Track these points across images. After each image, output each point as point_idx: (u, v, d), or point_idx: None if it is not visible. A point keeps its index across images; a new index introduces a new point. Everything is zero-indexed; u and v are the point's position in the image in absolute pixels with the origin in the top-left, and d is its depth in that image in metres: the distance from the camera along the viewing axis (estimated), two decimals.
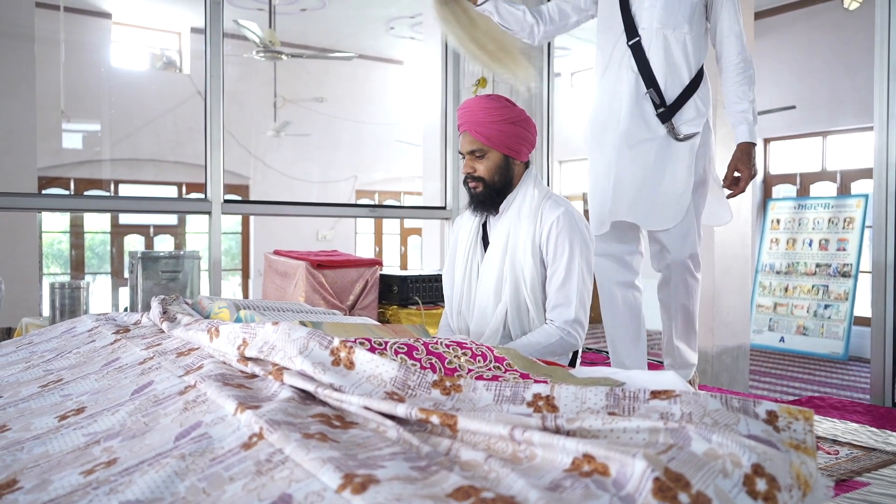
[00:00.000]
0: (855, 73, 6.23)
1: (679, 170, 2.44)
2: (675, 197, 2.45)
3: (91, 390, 1.31)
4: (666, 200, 2.46)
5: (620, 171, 2.48)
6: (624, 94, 2.47)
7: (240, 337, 1.30)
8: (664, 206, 2.46)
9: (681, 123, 2.43)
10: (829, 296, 6.33)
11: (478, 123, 2.00)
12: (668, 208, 2.46)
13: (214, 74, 3.39)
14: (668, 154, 2.44)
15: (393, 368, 1.09)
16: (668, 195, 2.46)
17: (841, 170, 6.69)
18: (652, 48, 2.42)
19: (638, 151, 2.46)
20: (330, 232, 8.75)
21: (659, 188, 2.46)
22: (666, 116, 2.42)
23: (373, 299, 3.23)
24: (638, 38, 2.44)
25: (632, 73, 2.46)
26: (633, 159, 2.46)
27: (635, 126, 2.45)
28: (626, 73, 2.47)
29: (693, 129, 2.43)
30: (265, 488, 0.78)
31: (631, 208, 2.48)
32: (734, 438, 0.78)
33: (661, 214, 2.47)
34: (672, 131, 2.42)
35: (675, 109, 2.42)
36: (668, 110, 2.42)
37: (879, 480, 1.55)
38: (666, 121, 2.42)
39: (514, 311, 2.03)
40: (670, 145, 2.43)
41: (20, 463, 1.00)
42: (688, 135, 2.43)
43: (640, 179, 2.46)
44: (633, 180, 2.46)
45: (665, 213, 2.47)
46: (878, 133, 2.83)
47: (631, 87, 2.46)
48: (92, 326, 1.83)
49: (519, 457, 0.82)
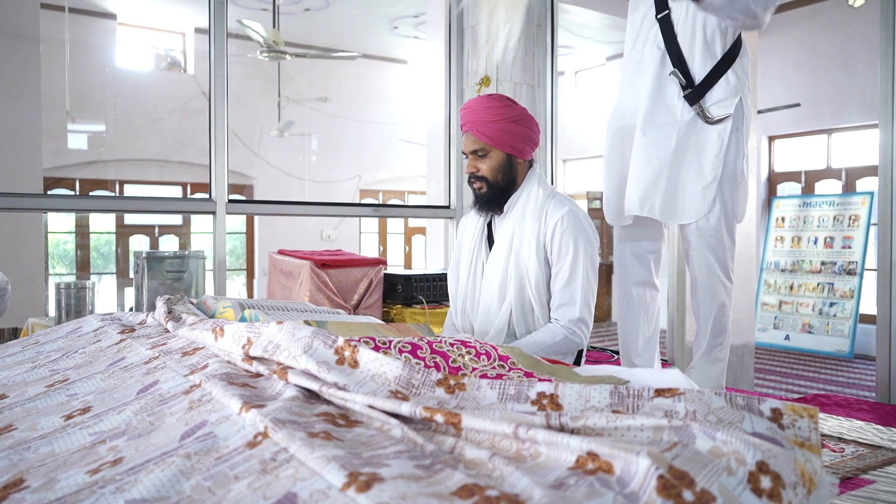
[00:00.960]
0: (859, 71, 6.21)
1: (706, 158, 2.25)
2: (699, 188, 2.27)
3: (97, 390, 1.31)
4: (688, 191, 2.28)
5: (636, 159, 2.32)
6: (647, 74, 2.31)
7: (244, 336, 1.31)
8: (686, 197, 2.29)
9: (710, 105, 2.23)
10: (834, 294, 6.31)
11: (479, 123, 2.00)
12: (691, 200, 2.28)
13: (218, 75, 3.39)
14: (692, 140, 2.26)
15: (397, 367, 1.10)
16: (691, 185, 2.27)
17: (846, 167, 6.66)
18: (681, 23, 2.24)
19: (656, 137, 2.29)
20: (334, 231, 8.75)
21: (680, 178, 2.28)
22: (693, 98, 2.24)
23: (377, 298, 3.24)
24: (668, 12, 2.26)
25: (657, 51, 2.29)
26: (651, 146, 2.29)
27: (656, 109, 2.29)
28: (651, 51, 2.31)
29: (724, 110, 2.23)
30: (270, 487, 0.78)
31: (644, 200, 2.30)
32: (739, 436, 0.78)
33: (682, 207, 2.29)
34: (702, 114, 2.23)
35: (705, 89, 2.23)
36: (695, 91, 2.23)
37: (885, 478, 1.54)
38: (694, 103, 2.24)
39: (518, 311, 2.03)
40: (696, 130, 2.25)
41: (27, 462, 1.00)
42: (720, 117, 2.23)
43: (657, 168, 2.28)
44: (648, 169, 2.29)
45: (687, 206, 2.29)
46: (883, 130, 2.82)
47: (655, 67, 2.29)
48: (97, 326, 1.84)
49: (523, 455, 0.82)
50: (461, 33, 4.19)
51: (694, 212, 2.29)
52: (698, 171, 2.27)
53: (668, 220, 2.34)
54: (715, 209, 2.29)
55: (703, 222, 2.30)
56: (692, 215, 2.29)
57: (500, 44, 2.98)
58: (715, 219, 2.30)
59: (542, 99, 4.09)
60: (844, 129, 6.61)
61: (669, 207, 2.30)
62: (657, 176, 2.29)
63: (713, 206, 2.28)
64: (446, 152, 4.29)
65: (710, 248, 2.32)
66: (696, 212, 2.28)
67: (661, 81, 2.29)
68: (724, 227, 2.31)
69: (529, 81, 4.01)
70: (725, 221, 2.31)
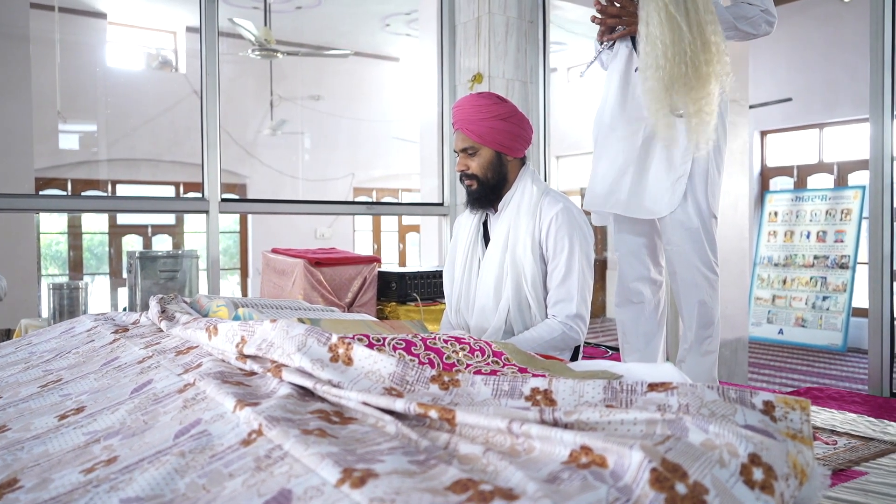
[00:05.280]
0: (851, 65, 6.23)
1: (675, 152, 2.26)
2: (668, 182, 2.28)
3: (90, 389, 1.31)
4: (657, 186, 2.29)
5: (605, 155, 2.35)
6: (615, 72, 2.35)
7: (238, 335, 1.31)
8: (655, 191, 2.29)
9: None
10: (827, 287, 6.34)
11: (468, 121, 2.01)
12: (660, 194, 2.29)
13: (210, 73, 3.39)
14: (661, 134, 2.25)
15: (391, 364, 1.10)
16: (660, 180, 2.28)
17: (838, 161, 6.69)
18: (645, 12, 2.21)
19: (623, 134, 2.32)
20: (328, 230, 8.74)
21: (648, 172, 2.30)
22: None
23: (371, 296, 3.24)
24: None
25: (625, 49, 2.33)
26: (618, 142, 2.32)
27: (624, 106, 2.32)
28: (620, 49, 2.34)
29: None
30: (265, 483, 0.79)
31: (609, 196, 2.33)
32: (731, 429, 0.79)
33: (651, 201, 2.30)
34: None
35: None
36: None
37: (877, 469, 1.55)
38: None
39: (515, 308, 2.03)
40: (665, 124, 2.22)
41: (20, 462, 1.00)
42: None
43: (623, 164, 2.31)
44: (615, 164, 2.32)
45: (656, 200, 2.29)
46: (873, 124, 2.83)
47: (623, 64, 2.33)
48: (91, 326, 1.83)
49: (517, 450, 0.83)
50: (453, 30, 4.19)
51: (664, 206, 2.29)
52: (668, 166, 2.28)
53: (633, 214, 2.35)
54: (688, 202, 2.29)
55: (678, 215, 2.30)
56: (662, 209, 2.30)
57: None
58: (690, 211, 2.30)
59: (535, 95, 4.09)
60: (836, 124, 6.64)
61: (636, 202, 2.32)
62: (622, 171, 2.32)
63: (685, 199, 2.28)
64: (439, 149, 4.29)
65: (688, 241, 2.32)
66: (666, 206, 2.29)
67: (628, 78, 2.31)
68: (699, 219, 2.31)
69: (522, 78, 4.02)
70: (700, 214, 2.31)
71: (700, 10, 2.17)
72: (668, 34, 2.15)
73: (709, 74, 2.16)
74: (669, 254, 2.39)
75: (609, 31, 2.36)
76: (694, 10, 2.16)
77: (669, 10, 2.15)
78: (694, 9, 2.16)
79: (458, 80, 4.16)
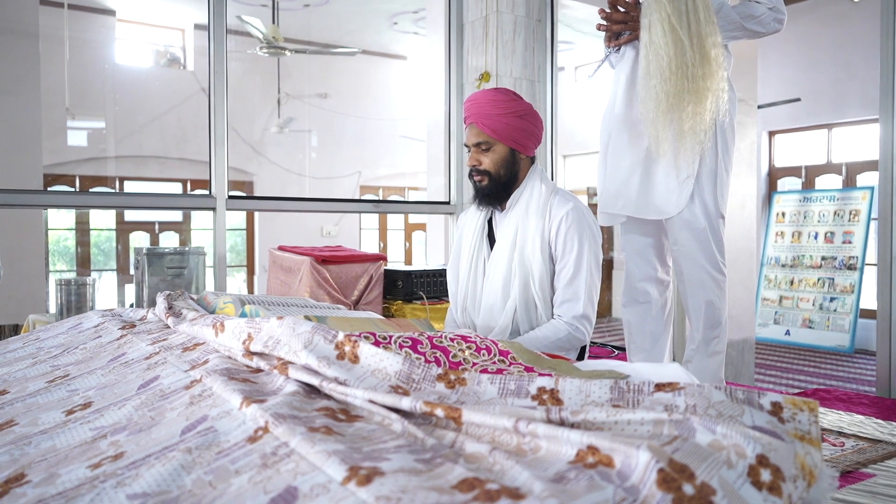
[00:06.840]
0: (860, 65, 6.20)
1: (681, 152, 2.27)
2: (676, 182, 2.30)
3: (97, 385, 1.31)
4: (665, 186, 2.31)
5: (612, 157, 2.37)
6: (622, 73, 2.37)
7: (245, 332, 1.31)
8: (662, 192, 2.31)
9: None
10: (834, 288, 6.31)
11: (485, 116, 1.99)
12: (668, 195, 2.31)
13: (218, 71, 3.39)
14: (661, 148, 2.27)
15: (397, 362, 1.10)
16: (667, 180, 2.30)
17: (846, 162, 6.66)
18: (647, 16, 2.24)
19: (631, 135, 2.33)
20: (334, 228, 8.75)
21: (656, 173, 2.32)
22: None
23: (377, 294, 3.24)
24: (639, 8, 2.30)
25: (632, 51, 2.35)
26: (625, 144, 2.34)
27: (630, 108, 2.33)
28: (627, 51, 2.36)
29: None
30: (271, 481, 0.79)
31: (618, 197, 2.35)
32: (739, 429, 0.78)
33: (659, 202, 2.32)
34: None
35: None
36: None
37: (885, 472, 1.55)
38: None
39: (522, 308, 2.03)
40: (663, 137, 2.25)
41: (28, 457, 1.01)
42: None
43: (630, 165, 2.33)
44: (622, 166, 2.34)
45: (664, 201, 2.31)
46: (883, 125, 2.81)
47: (629, 66, 2.34)
48: (98, 322, 1.84)
49: (523, 449, 0.83)
50: (461, 29, 4.19)
51: (672, 206, 2.31)
52: (675, 166, 2.29)
53: (643, 215, 2.37)
54: (695, 202, 2.30)
55: (685, 215, 2.31)
56: (670, 210, 2.31)
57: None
58: (697, 212, 2.31)
59: (542, 94, 4.09)
60: (845, 124, 6.60)
61: (643, 203, 2.34)
62: (631, 172, 2.34)
63: (692, 199, 2.30)
64: (446, 148, 4.29)
65: (695, 241, 2.33)
66: (674, 206, 2.31)
67: (634, 81, 2.32)
68: (707, 219, 2.32)
69: (529, 77, 4.01)
70: (707, 214, 2.32)
71: (702, 22, 2.17)
72: (670, 46, 2.16)
73: (706, 89, 2.18)
74: (676, 254, 2.39)
75: (615, 37, 2.37)
76: (696, 23, 2.17)
77: (672, 23, 2.16)
78: (696, 21, 2.17)
79: (466, 79, 4.15)
